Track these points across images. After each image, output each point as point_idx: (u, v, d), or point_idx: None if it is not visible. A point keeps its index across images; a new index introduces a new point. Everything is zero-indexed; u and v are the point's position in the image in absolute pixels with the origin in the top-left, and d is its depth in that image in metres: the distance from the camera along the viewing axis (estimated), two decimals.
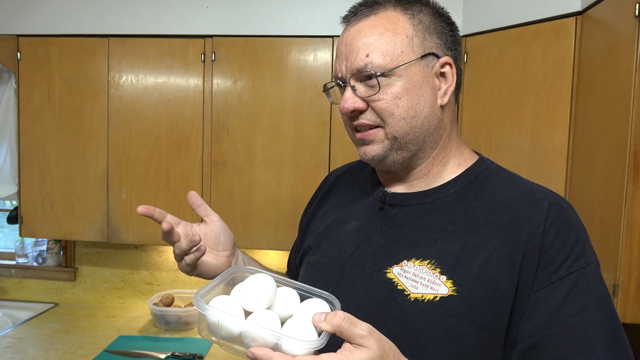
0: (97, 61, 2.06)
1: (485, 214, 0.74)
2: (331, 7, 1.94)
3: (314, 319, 0.59)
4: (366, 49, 0.75)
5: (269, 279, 0.66)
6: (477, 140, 1.72)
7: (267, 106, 1.99)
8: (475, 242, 0.72)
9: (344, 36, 0.79)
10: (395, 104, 0.75)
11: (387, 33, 0.75)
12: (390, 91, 0.74)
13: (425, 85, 0.76)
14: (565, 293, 0.67)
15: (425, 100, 0.76)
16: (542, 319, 0.67)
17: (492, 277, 0.69)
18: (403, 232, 0.78)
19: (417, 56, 0.75)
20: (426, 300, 0.71)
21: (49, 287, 2.51)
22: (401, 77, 0.74)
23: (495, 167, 0.82)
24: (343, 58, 0.77)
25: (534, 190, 0.76)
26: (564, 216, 0.71)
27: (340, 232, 0.86)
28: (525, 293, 0.68)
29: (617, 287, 1.24)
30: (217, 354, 1.93)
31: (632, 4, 1.21)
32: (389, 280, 0.75)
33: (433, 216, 0.77)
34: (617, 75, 1.28)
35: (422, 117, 0.76)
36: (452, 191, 0.79)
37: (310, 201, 1.02)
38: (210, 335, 0.64)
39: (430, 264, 0.73)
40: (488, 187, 0.78)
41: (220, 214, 2.08)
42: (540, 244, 0.69)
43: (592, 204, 1.38)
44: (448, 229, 0.75)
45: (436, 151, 0.80)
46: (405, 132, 0.76)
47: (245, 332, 0.60)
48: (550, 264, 0.68)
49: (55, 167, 2.11)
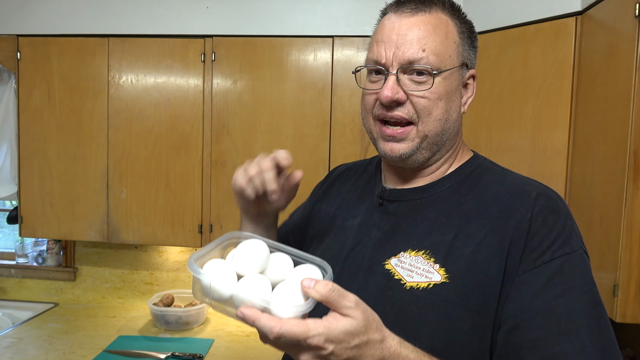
0: (97, 61, 2.06)
1: (477, 207, 0.77)
2: (331, 7, 1.94)
3: (303, 284, 0.60)
4: (422, 44, 0.75)
5: (262, 244, 0.68)
6: (477, 140, 1.72)
7: (267, 106, 1.99)
8: (467, 233, 0.75)
9: (396, 24, 0.78)
10: (436, 104, 0.77)
11: (441, 34, 0.77)
12: (435, 91, 0.76)
13: (457, 92, 0.80)
14: (549, 276, 0.69)
15: (456, 106, 0.81)
16: (525, 300, 0.69)
17: (481, 263, 0.72)
18: (400, 226, 0.81)
19: (459, 63, 0.79)
20: (421, 288, 0.73)
21: (49, 287, 2.51)
22: (445, 80, 0.77)
23: (489, 163, 0.86)
24: (392, 45, 0.77)
25: (524, 183, 0.79)
26: (552, 205, 0.74)
27: (344, 227, 0.89)
28: (511, 276, 0.71)
29: (617, 287, 1.24)
30: (217, 354, 1.93)
31: (632, 4, 1.21)
32: (387, 271, 0.78)
33: (429, 210, 0.80)
34: (617, 75, 1.28)
35: (451, 121, 0.80)
36: (447, 186, 0.82)
37: (313, 192, 1.05)
38: (203, 297, 0.66)
39: (425, 254, 0.76)
40: (481, 182, 0.81)
41: (220, 214, 2.09)
42: (527, 230, 0.72)
43: (592, 204, 1.38)
44: (442, 221, 0.78)
45: (448, 154, 0.84)
46: (436, 133, 0.79)
47: (235, 295, 0.61)
48: (535, 249, 0.71)
49: (55, 167, 2.11)
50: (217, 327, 2.21)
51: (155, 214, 2.07)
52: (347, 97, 1.96)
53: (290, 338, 0.55)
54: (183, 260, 2.44)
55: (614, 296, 1.24)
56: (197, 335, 2.11)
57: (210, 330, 2.17)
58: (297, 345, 0.57)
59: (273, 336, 0.55)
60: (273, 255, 0.70)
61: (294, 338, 0.55)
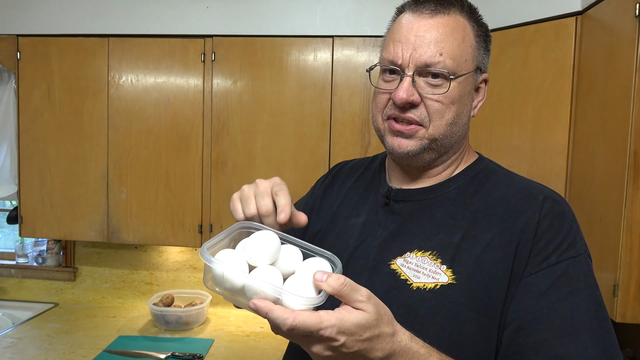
0: (97, 61, 2.06)
1: (484, 209, 0.78)
2: (331, 7, 1.94)
3: (315, 277, 0.60)
4: (440, 47, 0.75)
5: (274, 236, 0.68)
6: (477, 140, 1.72)
7: (267, 106, 1.99)
8: (474, 234, 0.75)
9: (414, 24, 0.77)
10: (449, 108, 0.77)
11: (459, 37, 0.77)
12: (449, 95, 0.76)
13: (469, 96, 0.81)
14: (554, 279, 0.70)
15: (467, 110, 0.81)
16: (530, 302, 0.70)
17: (489, 265, 0.73)
18: (406, 226, 0.81)
19: (474, 68, 0.79)
20: (428, 289, 0.74)
21: (49, 287, 2.51)
22: (460, 84, 0.77)
23: (494, 165, 0.86)
24: (409, 46, 0.76)
25: (530, 186, 0.80)
26: (558, 209, 0.75)
27: (347, 225, 0.88)
28: (517, 278, 0.71)
29: (617, 287, 1.24)
30: (217, 354, 1.93)
31: (632, 4, 1.21)
32: (393, 271, 0.78)
33: (435, 211, 0.80)
34: (617, 75, 1.28)
35: (461, 124, 0.80)
36: (453, 187, 0.82)
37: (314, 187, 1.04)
38: (214, 286, 0.66)
39: (432, 254, 0.76)
40: (487, 184, 0.81)
41: (220, 214, 2.09)
42: (534, 233, 0.72)
43: (592, 204, 1.38)
44: (449, 222, 0.78)
45: (455, 155, 0.84)
46: (445, 135, 0.78)
47: (248, 286, 0.62)
48: (541, 251, 0.72)
49: (55, 167, 2.11)
50: (217, 327, 2.21)
51: (155, 214, 2.07)
52: (347, 97, 1.95)
53: (303, 329, 0.56)
54: (183, 260, 2.45)
55: (614, 296, 1.24)
56: (197, 335, 2.11)
57: (210, 330, 2.17)
58: (309, 337, 0.57)
59: (286, 328, 0.56)
60: (283, 247, 0.70)
61: (306, 329, 0.56)
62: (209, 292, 2.38)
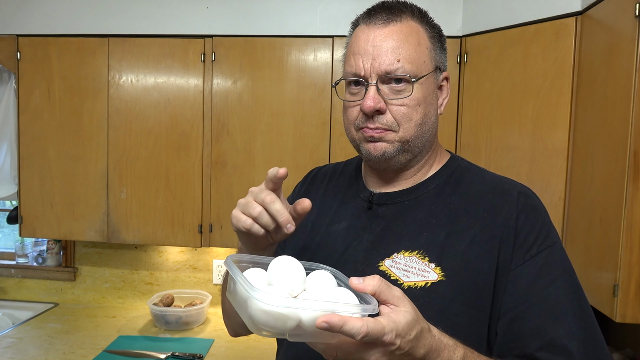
0: (97, 61, 2.06)
1: (463, 206, 0.82)
2: (331, 7, 1.94)
3: (353, 282, 0.60)
4: (397, 54, 0.78)
5: (293, 259, 0.67)
6: (477, 140, 1.72)
7: (267, 106, 1.99)
8: (457, 231, 0.80)
9: (370, 36, 0.80)
10: (416, 110, 0.80)
11: (414, 42, 0.80)
12: (414, 97, 0.80)
13: (433, 96, 0.84)
14: (538, 268, 0.76)
15: (434, 109, 0.85)
16: (521, 292, 0.76)
17: (474, 260, 0.77)
18: (391, 228, 0.84)
19: (433, 68, 0.83)
20: (419, 287, 0.77)
21: (49, 287, 2.51)
22: (422, 85, 0.81)
23: (466, 163, 0.91)
24: (369, 57, 0.79)
25: (503, 182, 0.85)
26: (531, 202, 0.81)
27: (330, 232, 0.90)
28: (505, 271, 0.77)
29: (617, 287, 1.24)
30: (217, 354, 1.94)
31: (632, 4, 1.22)
32: (382, 272, 0.80)
33: (417, 211, 0.84)
34: (617, 75, 1.28)
35: (429, 124, 0.84)
36: (432, 187, 0.86)
37: (293, 194, 1.04)
38: (260, 330, 0.60)
39: (419, 254, 0.80)
40: (463, 182, 0.86)
41: (220, 214, 2.09)
42: (514, 227, 0.78)
43: (592, 204, 1.38)
44: (432, 222, 0.82)
45: (428, 155, 0.88)
46: (415, 136, 0.82)
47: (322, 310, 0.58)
48: (523, 244, 0.77)
49: (55, 167, 2.11)
50: (217, 327, 2.21)
51: (155, 214, 2.07)
52: None
53: (371, 336, 0.56)
54: (183, 260, 2.45)
55: (614, 296, 1.24)
56: (197, 335, 2.11)
57: (210, 330, 2.17)
58: (371, 344, 0.57)
59: (361, 336, 0.55)
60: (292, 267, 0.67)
61: (373, 336, 0.56)
62: (208, 292, 2.38)
